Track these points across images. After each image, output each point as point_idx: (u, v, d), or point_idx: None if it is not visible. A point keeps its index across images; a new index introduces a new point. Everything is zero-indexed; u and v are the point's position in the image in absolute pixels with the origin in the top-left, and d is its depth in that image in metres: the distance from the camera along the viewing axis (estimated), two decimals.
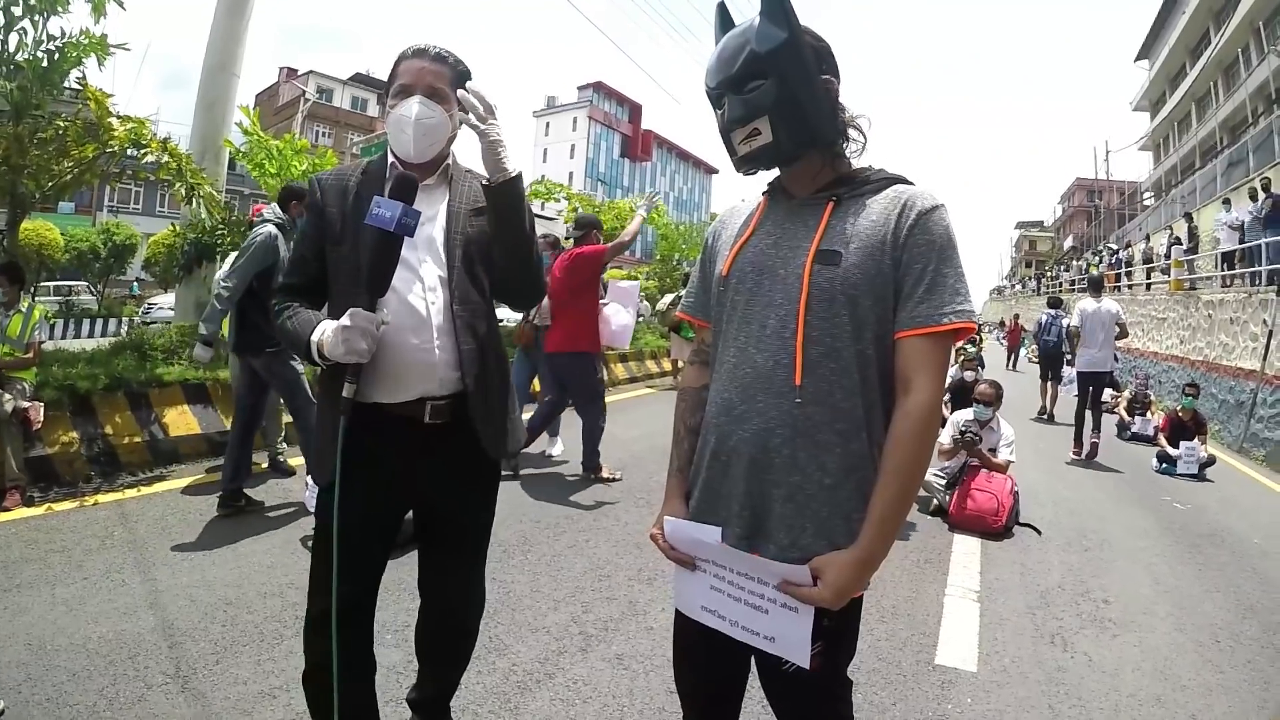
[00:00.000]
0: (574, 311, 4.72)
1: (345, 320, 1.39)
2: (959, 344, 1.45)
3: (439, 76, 1.55)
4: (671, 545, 1.22)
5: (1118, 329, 7.47)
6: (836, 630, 1.15)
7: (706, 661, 1.32)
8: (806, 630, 1.08)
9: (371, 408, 1.51)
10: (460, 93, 1.47)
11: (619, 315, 5.18)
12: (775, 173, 1.28)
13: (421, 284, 1.56)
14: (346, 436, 1.44)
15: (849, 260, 1.11)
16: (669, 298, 10.89)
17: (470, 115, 1.46)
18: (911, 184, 1.18)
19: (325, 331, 1.43)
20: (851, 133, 1.22)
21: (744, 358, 1.17)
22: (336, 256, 1.56)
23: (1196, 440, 7.06)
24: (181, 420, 4.91)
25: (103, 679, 2.16)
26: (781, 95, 1.12)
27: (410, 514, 1.74)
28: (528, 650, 2.53)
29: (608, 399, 4.77)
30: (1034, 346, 11.99)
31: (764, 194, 1.31)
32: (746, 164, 1.20)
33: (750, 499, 1.15)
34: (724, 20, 1.23)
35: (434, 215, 1.61)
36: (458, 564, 1.75)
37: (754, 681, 1.36)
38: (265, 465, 4.68)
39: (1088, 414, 7.34)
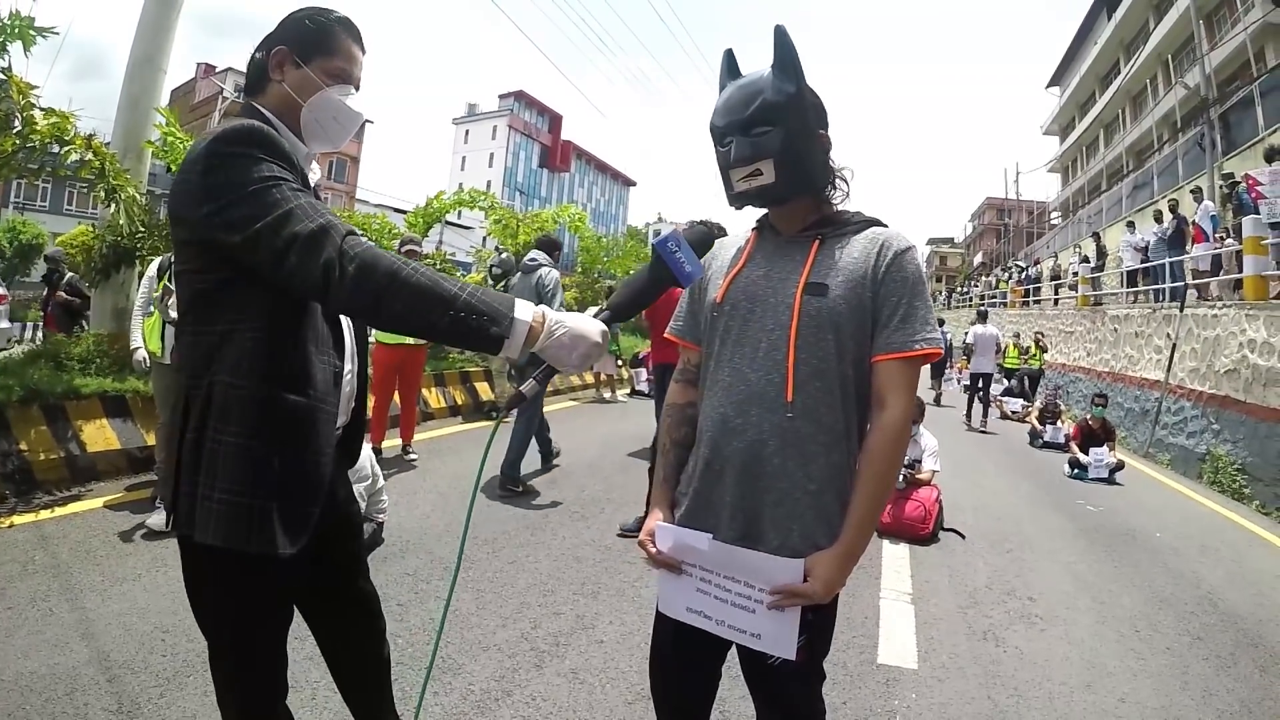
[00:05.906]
0: None
1: (598, 330, 1.19)
2: None
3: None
4: (660, 550, 1.29)
5: (996, 345, 11.48)
6: (818, 624, 1.26)
7: (684, 666, 1.40)
8: (793, 626, 1.19)
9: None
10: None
11: None
12: (754, 211, 1.38)
13: None
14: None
15: (835, 292, 1.22)
16: (591, 310, 10.70)
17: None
18: (886, 226, 1.31)
19: (559, 325, 1.16)
20: (837, 180, 1.34)
21: (739, 376, 1.27)
22: None
23: (1106, 447, 7.56)
24: (100, 435, 4.63)
25: (40, 719, 2.03)
26: (786, 142, 1.22)
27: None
28: (481, 669, 2.51)
29: None
30: None
31: (753, 229, 1.41)
32: (742, 199, 1.30)
33: (742, 504, 1.24)
34: (730, 66, 1.33)
35: None
36: (362, 595, 1.61)
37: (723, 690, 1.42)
38: None
39: (977, 400, 11.26)
